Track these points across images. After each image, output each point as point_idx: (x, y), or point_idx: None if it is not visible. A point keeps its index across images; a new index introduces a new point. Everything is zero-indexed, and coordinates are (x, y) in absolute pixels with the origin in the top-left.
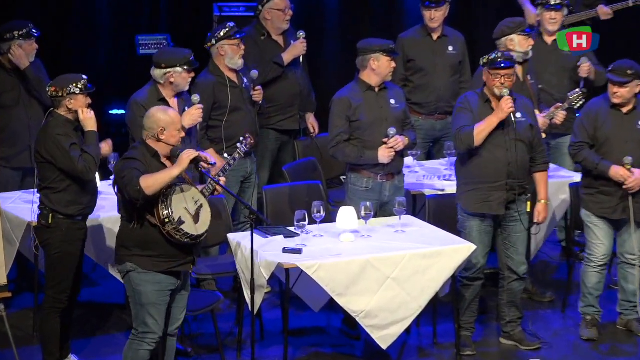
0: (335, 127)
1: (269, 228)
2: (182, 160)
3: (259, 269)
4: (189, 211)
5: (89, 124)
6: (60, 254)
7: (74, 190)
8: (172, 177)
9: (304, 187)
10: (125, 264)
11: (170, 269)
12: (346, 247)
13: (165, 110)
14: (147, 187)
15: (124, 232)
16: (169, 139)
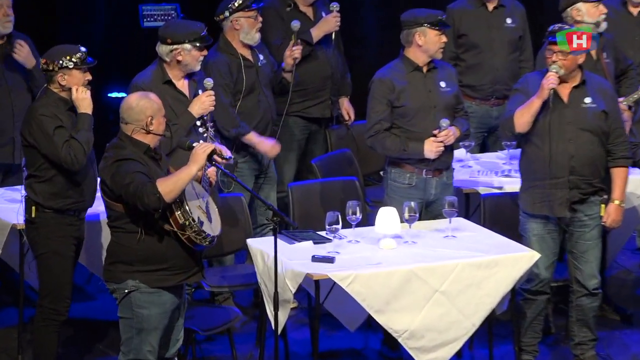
0: (374, 113)
1: (296, 232)
2: (198, 156)
3: (284, 281)
4: (203, 210)
5: (82, 104)
6: (47, 254)
7: (60, 182)
8: (191, 176)
9: (337, 184)
10: (126, 282)
11: (181, 281)
12: (386, 255)
13: (146, 96)
14: (168, 193)
15: (123, 246)
16: (157, 128)
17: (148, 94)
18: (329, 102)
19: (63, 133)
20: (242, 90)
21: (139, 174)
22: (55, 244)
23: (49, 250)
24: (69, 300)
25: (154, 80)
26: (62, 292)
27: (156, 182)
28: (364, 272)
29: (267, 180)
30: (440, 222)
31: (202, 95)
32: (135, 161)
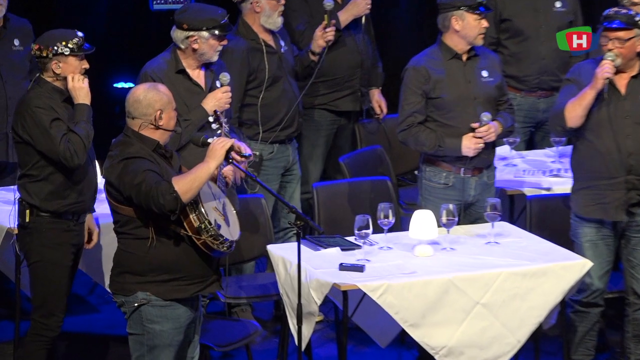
0: (407, 104)
1: (321, 238)
2: (215, 152)
3: (308, 292)
4: (219, 212)
5: (79, 94)
6: (42, 264)
7: (57, 181)
8: (209, 173)
9: (367, 185)
10: (135, 295)
11: (196, 292)
12: (422, 264)
13: (155, 88)
14: (185, 193)
15: (133, 254)
16: (168, 123)
17: (157, 86)
18: (358, 94)
19: (61, 126)
20: (265, 79)
21: (150, 173)
22: (50, 253)
23: (44, 259)
24: (62, 315)
25: (166, 69)
26: (56, 306)
27: (172, 181)
28: (397, 282)
29: (291, 179)
30: (482, 227)
31: (218, 91)
32: (144, 159)
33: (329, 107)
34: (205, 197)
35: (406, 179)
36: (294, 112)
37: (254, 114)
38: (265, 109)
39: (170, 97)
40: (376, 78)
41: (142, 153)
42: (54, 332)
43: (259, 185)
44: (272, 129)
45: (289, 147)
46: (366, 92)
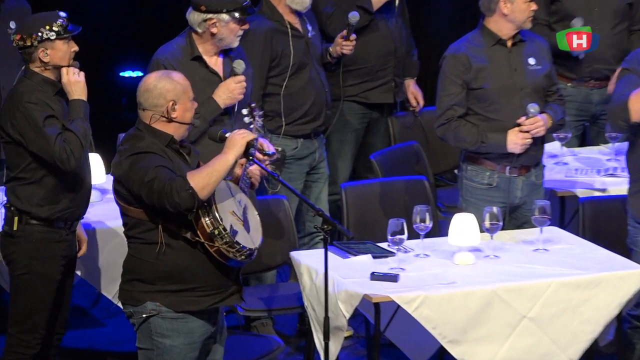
0: (445, 96)
1: (351, 244)
2: (235, 142)
3: (336, 304)
4: (237, 216)
5: (74, 89)
6: (27, 276)
7: (50, 184)
8: (228, 167)
9: (402, 185)
10: (145, 305)
11: (212, 305)
12: (463, 273)
13: (168, 76)
14: (202, 188)
15: (142, 260)
16: (182, 115)
17: (170, 74)
18: (392, 84)
19: (55, 124)
20: (290, 66)
21: (162, 169)
22: (39, 266)
23: (31, 272)
24: (43, 332)
25: (181, 56)
26: (37, 322)
27: (187, 176)
28: (435, 294)
29: (317, 178)
30: (529, 232)
31: (231, 81)
32: (155, 154)
33: (360, 99)
34: (221, 198)
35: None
36: (321, 103)
37: (276, 105)
38: (289, 99)
39: (186, 87)
40: (411, 67)
41: (152, 148)
42: (34, 349)
43: (282, 185)
44: (296, 122)
45: (315, 143)
46: (400, 82)
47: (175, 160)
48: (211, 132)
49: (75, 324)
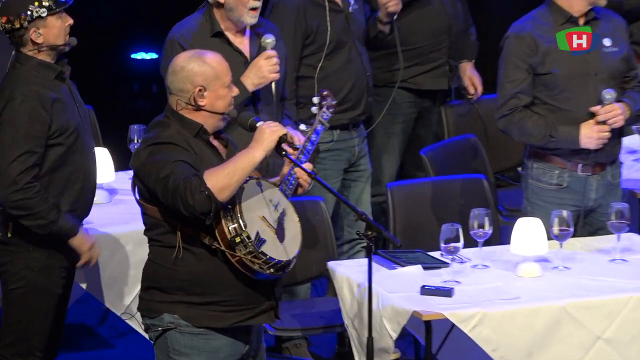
0: (508, 82)
1: (398, 253)
2: (264, 136)
3: (381, 322)
4: (268, 222)
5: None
6: (22, 290)
7: (50, 184)
8: (253, 165)
9: (457, 185)
10: (162, 317)
11: (238, 323)
12: (528, 287)
13: (200, 57)
14: (221, 190)
15: (160, 266)
16: (213, 104)
17: (204, 54)
18: (445, 68)
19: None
20: (326, 44)
21: (180, 165)
22: (37, 278)
23: (28, 286)
24: (40, 354)
25: (199, 32)
26: (36, 344)
27: (204, 175)
28: (495, 311)
29: (358, 176)
30: (604, 240)
31: (260, 59)
32: (176, 146)
33: (409, 84)
34: (250, 201)
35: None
36: (361, 89)
37: (309, 89)
38: (325, 83)
39: (221, 71)
40: (468, 48)
41: (175, 138)
42: None
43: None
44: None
45: (354, 135)
46: (456, 65)
47: (204, 154)
48: (242, 118)
49: (79, 344)
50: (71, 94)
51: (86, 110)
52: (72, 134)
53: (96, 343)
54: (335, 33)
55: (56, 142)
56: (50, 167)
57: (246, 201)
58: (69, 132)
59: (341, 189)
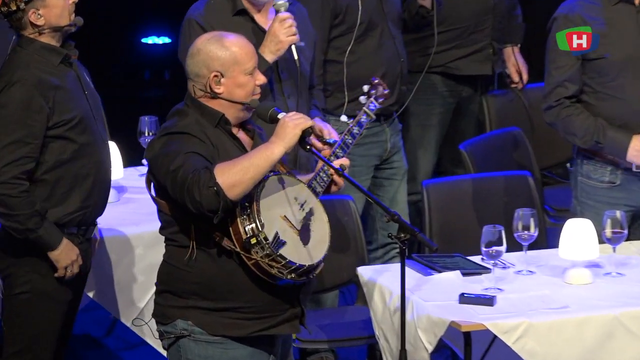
0: (555, 68)
1: (434, 257)
2: (286, 131)
3: (416, 333)
4: (291, 223)
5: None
6: (27, 296)
7: (56, 179)
8: (272, 162)
9: (499, 183)
10: (175, 323)
11: (257, 332)
12: (577, 295)
13: (219, 39)
14: (232, 187)
15: (174, 267)
16: (232, 92)
17: (225, 36)
18: (488, 51)
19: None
20: (357, 25)
21: (192, 157)
22: (44, 282)
23: (34, 291)
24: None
25: (220, 11)
26: (39, 354)
27: (215, 169)
28: (542, 321)
29: (392, 174)
30: None
31: (274, 23)
32: (192, 137)
33: (447, 70)
34: (270, 198)
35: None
36: (394, 75)
37: (337, 75)
38: (354, 69)
39: (242, 56)
40: (514, 30)
41: (191, 128)
42: None
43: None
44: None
45: (385, 128)
46: (500, 49)
47: (225, 146)
48: (260, 109)
49: (84, 357)
50: (79, 81)
51: (98, 99)
52: (77, 125)
53: (102, 356)
54: (366, 13)
55: (60, 134)
56: (56, 161)
57: (266, 199)
58: (73, 122)
59: (373, 188)
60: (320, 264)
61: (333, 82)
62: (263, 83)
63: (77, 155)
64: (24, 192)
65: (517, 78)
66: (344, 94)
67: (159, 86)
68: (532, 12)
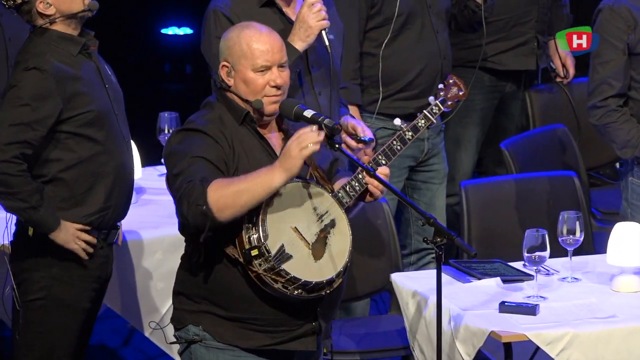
0: (600, 63)
1: (473, 263)
2: (290, 154)
3: (453, 344)
4: (302, 235)
5: None
6: (42, 303)
7: (76, 179)
8: (270, 190)
9: (543, 183)
10: (187, 328)
11: (268, 347)
12: (626, 303)
13: (242, 29)
14: (222, 209)
15: (188, 269)
16: (238, 86)
17: (247, 27)
18: (533, 45)
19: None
20: (394, 17)
21: (198, 162)
22: (61, 288)
23: (49, 297)
24: None
25: (247, 2)
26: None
27: (209, 186)
28: (587, 331)
29: (430, 177)
30: None
31: (303, 7)
32: (208, 137)
33: (489, 64)
34: (282, 207)
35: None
36: (433, 72)
37: (372, 70)
38: (390, 63)
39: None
40: (560, 21)
41: (208, 127)
42: None
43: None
44: (395, 95)
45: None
46: (545, 43)
47: (249, 146)
48: (284, 106)
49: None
50: (99, 73)
51: (120, 94)
52: (95, 120)
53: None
54: (406, 4)
55: (76, 131)
56: (74, 160)
57: (276, 208)
58: (89, 117)
59: (409, 191)
60: (335, 281)
61: (367, 77)
62: (281, 85)
63: (96, 153)
64: (23, 172)
65: (562, 72)
66: (379, 89)
67: (180, 80)
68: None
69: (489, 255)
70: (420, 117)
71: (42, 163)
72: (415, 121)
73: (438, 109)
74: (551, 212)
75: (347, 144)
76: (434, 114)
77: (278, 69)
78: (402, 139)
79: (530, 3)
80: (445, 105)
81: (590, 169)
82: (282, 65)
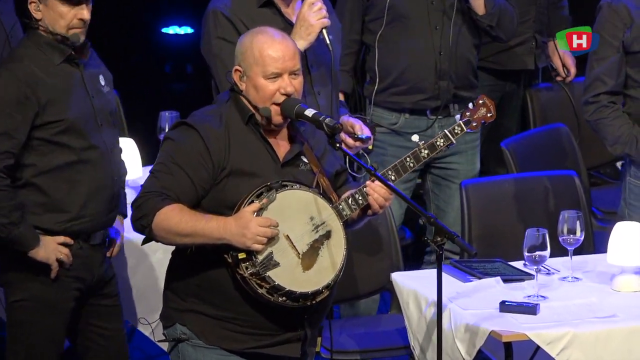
0: (596, 60)
1: (474, 263)
2: (240, 222)
3: (453, 343)
4: (293, 244)
5: None
6: (25, 304)
7: (47, 185)
8: (213, 241)
9: (544, 183)
10: (174, 326)
11: (253, 349)
12: (626, 303)
13: (256, 35)
14: (161, 235)
15: (178, 266)
16: (249, 91)
17: (261, 32)
18: (532, 44)
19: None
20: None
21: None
22: (41, 289)
23: (31, 298)
24: None
25: (246, 2)
26: None
27: (161, 209)
28: (588, 331)
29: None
30: None
31: (304, 6)
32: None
33: (488, 64)
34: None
35: (603, 175)
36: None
37: (370, 61)
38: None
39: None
40: (559, 21)
41: (205, 127)
42: None
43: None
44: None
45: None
46: (544, 42)
47: (250, 147)
48: (285, 105)
49: None
50: (83, 82)
51: (109, 104)
52: (69, 129)
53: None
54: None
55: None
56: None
57: (272, 213)
58: (63, 125)
59: (431, 185)
60: (321, 292)
61: (370, 69)
62: (291, 92)
63: (71, 162)
64: (7, 186)
65: (562, 72)
66: (375, 82)
67: (181, 80)
68: (580, 2)
69: (489, 254)
70: (439, 135)
71: (16, 167)
72: (434, 139)
73: (460, 130)
74: (551, 212)
75: (345, 143)
76: (455, 135)
77: (290, 77)
78: (416, 157)
79: (528, 3)
80: (469, 126)
81: (590, 168)
82: (295, 73)
